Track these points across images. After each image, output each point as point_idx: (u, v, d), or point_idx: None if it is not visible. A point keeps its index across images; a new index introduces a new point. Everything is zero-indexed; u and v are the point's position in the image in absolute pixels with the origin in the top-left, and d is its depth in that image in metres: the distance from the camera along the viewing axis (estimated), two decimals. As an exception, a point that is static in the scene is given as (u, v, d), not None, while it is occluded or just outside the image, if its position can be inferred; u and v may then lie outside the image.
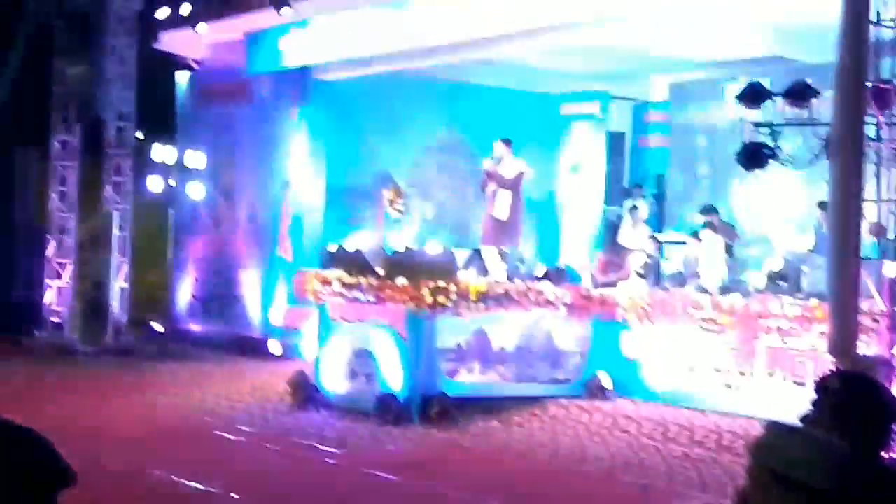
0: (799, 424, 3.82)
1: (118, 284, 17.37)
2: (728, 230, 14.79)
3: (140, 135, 18.90)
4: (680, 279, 13.69)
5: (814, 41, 11.67)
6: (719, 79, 16.05)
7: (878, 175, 8.74)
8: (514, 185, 13.46)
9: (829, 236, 8.83)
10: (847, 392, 3.61)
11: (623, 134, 18.64)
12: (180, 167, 18.86)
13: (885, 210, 8.79)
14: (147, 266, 18.79)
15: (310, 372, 12.67)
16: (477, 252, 14.12)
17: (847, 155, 8.62)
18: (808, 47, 13.39)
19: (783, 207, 14.96)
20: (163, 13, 16.32)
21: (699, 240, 14.11)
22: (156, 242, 19.44)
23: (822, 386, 3.74)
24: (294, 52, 16.16)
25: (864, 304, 9.02)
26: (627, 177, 18.51)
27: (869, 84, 8.64)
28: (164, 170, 18.91)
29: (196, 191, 18.58)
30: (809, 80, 10.01)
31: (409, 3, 14.26)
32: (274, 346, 16.23)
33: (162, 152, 18.99)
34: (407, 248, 15.05)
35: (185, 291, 19.04)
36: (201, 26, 16.01)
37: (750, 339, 11.57)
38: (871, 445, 3.70)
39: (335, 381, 12.36)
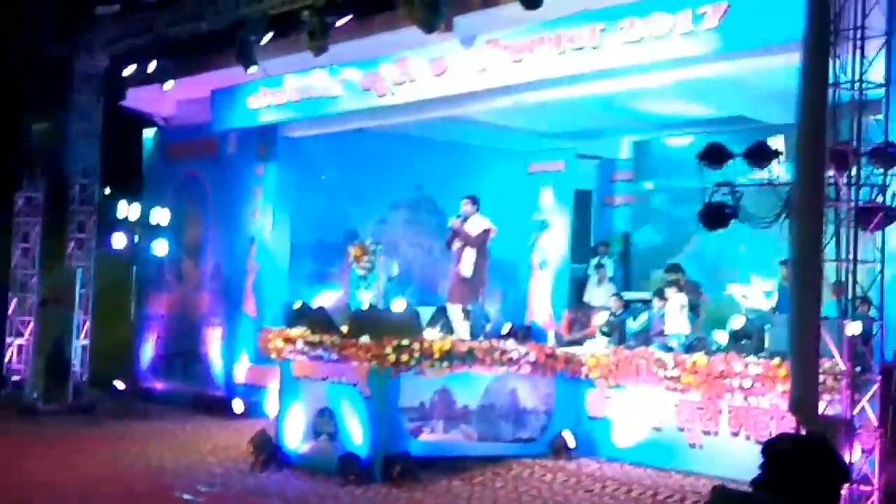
0: (747, 489, 3.79)
1: (80, 342, 17.19)
2: (693, 289, 14.85)
3: (107, 191, 18.84)
4: (644, 337, 13.69)
5: (777, 102, 11.82)
6: (684, 138, 16.21)
7: (837, 235, 8.78)
8: (478, 243, 13.46)
9: (790, 295, 8.85)
10: (798, 455, 3.60)
11: (589, 192, 18.74)
12: (145, 224, 18.77)
13: (845, 269, 8.81)
14: (110, 323, 18.61)
15: (272, 431, 12.53)
16: (442, 310, 14.09)
17: (807, 215, 8.67)
18: (772, 108, 13.56)
19: (748, 266, 15.05)
20: (129, 70, 16.30)
21: (664, 298, 14.14)
22: (119, 300, 19.29)
23: (771, 449, 3.73)
24: (261, 109, 16.18)
25: (826, 364, 9.03)
26: (594, 235, 18.59)
27: (828, 145, 8.70)
28: (128, 226, 18.82)
29: (160, 247, 18.49)
30: (771, 141, 10.07)
31: (376, 62, 14.31)
32: (237, 405, 16.07)
33: (126, 209, 18.91)
34: (371, 305, 15.03)
35: (148, 349, 18.88)
36: (168, 83, 16.00)
37: (714, 398, 11.54)
38: (822, 506, 3.67)
39: (297, 441, 12.23)
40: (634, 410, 12.32)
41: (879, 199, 8.93)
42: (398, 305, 13.93)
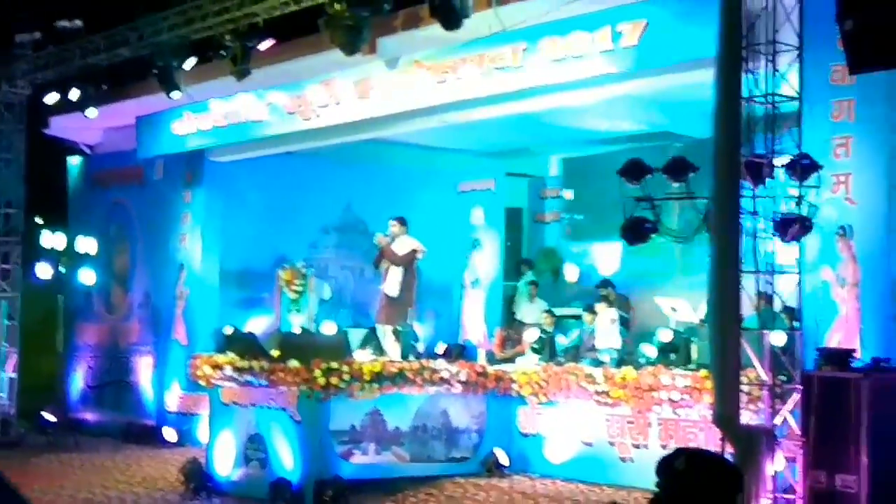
0: None
1: (7, 375, 16.90)
2: (623, 303, 14.96)
3: (37, 220, 18.60)
4: (575, 353, 13.75)
5: (700, 117, 11.96)
6: (610, 154, 16.32)
7: (754, 246, 8.89)
8: (405, 263, 13.47)
9: (710, 307, 8.94)
10: (693, 470, 3.63)
11: (520, 209, 18.84)
12: (71, 253, 18.52)
13: (763, 281, 8.93)
14: (37, 355, 18.32)
15: (203, 459, 12.41)
16: (373, 331, 14.07)
17: (724, 227, 8.79)
18: (695, 123, 13.72)
19: (674, 280, 15.19)
20: (52, 98, 16.11)
21: (594, 313, 14.23)
22: (46, 330, 19.02)
23: (666, 466, 3.76)
24: (186, 134, 16.06)
25: (750, 374, 9.14)
26: (525, 252, 18.66)
27: (743, 158, 8.83)
28: (53, 256, 18.57)
29: (87, 277, 18.25)
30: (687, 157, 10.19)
31: (301, 85, 14.28)
32: (169, 434, 15.89)
33: (52, 238, 18.66)
34: (301, 329, 14.95)
35: (77, 380, 18.62)
36: (91, 111, 15.82)
37: (643, 412, 11.62)
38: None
39: (228, 468, 12.13)
40: (566, 426, 12.37)
41: (796, 210, 9.05)
42: (328, 328, 13.87)
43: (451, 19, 11.30)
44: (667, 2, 10.80)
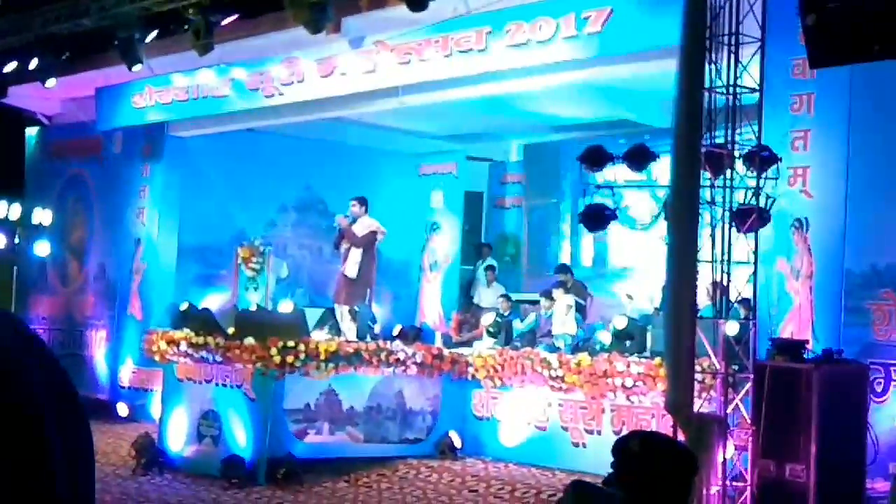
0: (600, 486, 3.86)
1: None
2: (580, 289, 15.02)
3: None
4: (531, 338, 13.80)
5: (662, 106, 12.04)
6: (570, 141, 16.38)
7: (713, 236, 8.96)
8: (364, 244, 13.45)
9: (666, 295, 9.01)
10: (648, 452, 3.67)
11: (480, 194, 18.87)
12: (27, 224, 18.32)
13: (720, 270, 9.00)
14: (-11, 326, 18.11)
15: (155, 434, 12.36)
16: (331, 311, 14.04)
17: (683, 217, 8.84)
18: (657, 112, 13.80)
19: (632, 266, 15.29)
20: (10, 67, 15.90)
21: (552, 299, 14.28)
22: (-1, 301, 18.82)
23: (621, 448, 3.80)
24: (147, 108, 15.91)
25: (703, 363, 9.22)
26: (484, 236, 18.70)
27: (703, 148, 8.88)
28: (9, 227, 18.36)
29: (42, 248, 18.08)
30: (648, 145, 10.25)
31: (264, 62, 14.19)
32: (122, 409, 15.77)
33: (7, 209, 18.44)
34: (258, 307, 14.89)
35: (30, 352, 18.44)
36: (50, 81, 15.63)
37: (597, 398, 11.69)
38: (674, 501, 3.75)
39: (181, 444, 12.09)
40: (520, 410, 12.42)
41: (753, 201, 9.13)
42: (285, 307, 13.82)
43: (417, 1, 11.28)
44: (632, -10, 10.83)
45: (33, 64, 15.48)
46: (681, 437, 8.67)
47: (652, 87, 12.61)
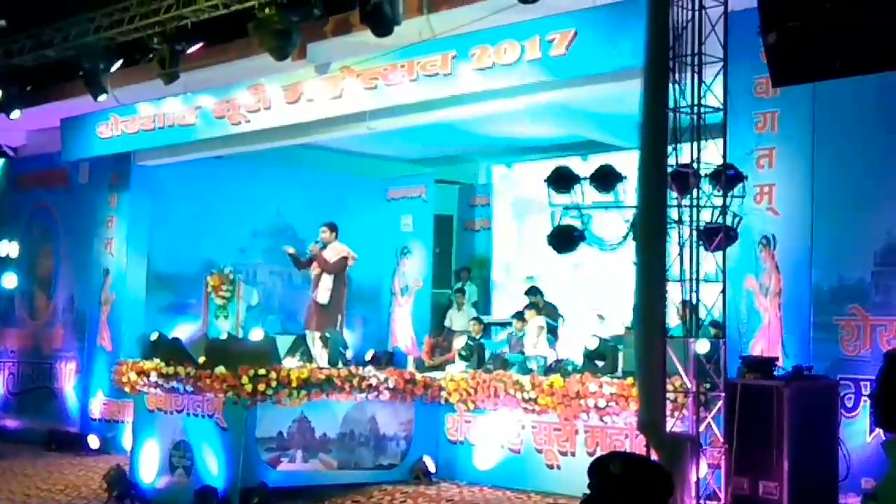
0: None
1: (-75, 381, 16.56)
2: (551, 311, 15.04)
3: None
4: (503, 361, 13.78)
5: (629, 127, 12.10)
6: (538, 163, 16.43)
7: (681, 256, 9.00)
8: (336, 270, 13.41)
9: (636, 315, 9.02)
10: (628, 473, 3.66)
11: (451, 217, 18.89)
12: (-8, 257, 18.21)
13: (689, 289, 9.03)
14: (-43, 360, 17.98)
15: (127, 466, 12.25)
16: (302, 338, 13.98)
17: (651, 236, 8.86)
18: (623, 133, 13.88)
19: (602, 287, 15.31)
20: (-27, 99, 15.78)
21: (523, 321, 14.29)
22: (-34, 336, 18.64)
23: (599, 469, 3.79)
24: (113, 137, 15.83)
25: (676, 382, 9.24)
26: (455, 259, 18.71)
27: (670, 168, 8.92)
28: (-26, 260, 18.26)
29: (9, 281, 17.95)
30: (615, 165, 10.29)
31: (231, 89, 14.17)
32: (93, 441, 15.66)
33: (-28, 242, 18.33)
34: (229, 335, 14.83)
35: (-2, 386, 18.31)
36: (15, 113, 15.53)
37: (570, 419, 11.68)
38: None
39: (153, 475, 11.98)
40: (493, 434, 12.40)
41: (720, 220, 9.18)
42: (256, 335, 13.75)
43: (382, 26, 11.30)
44: (595, 13, 10.89)
45: (-3, 96, 15.38)
46: (654, 456, 8.68)
47: (617, 107, 12.68)
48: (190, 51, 13.02)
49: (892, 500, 3.70)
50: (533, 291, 15.15)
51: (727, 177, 9.15)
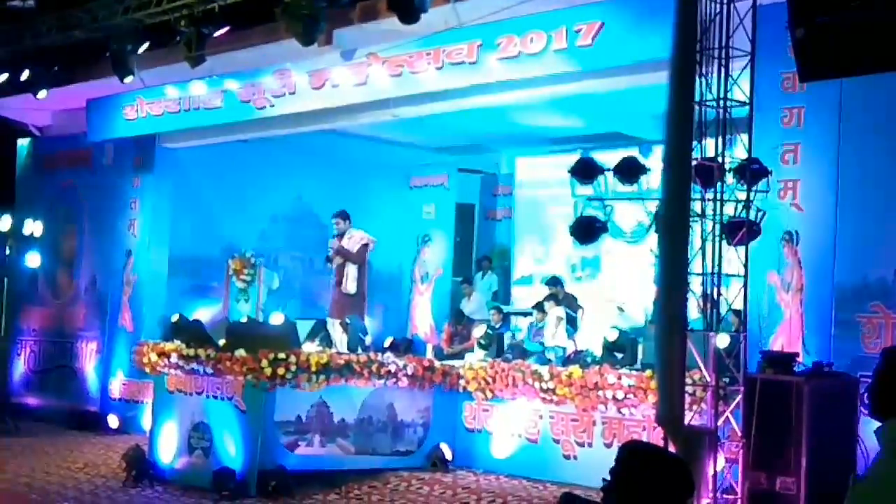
0: (593, 497, 3.86)
1: (-52, 357, 16.69)
2: (571, 301, 15.04)
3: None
4: (522, 350, 13.81)
5: (653, 119, 12.07)
6: (562, 154, 16.41)
7: (703, 249, 8.98)
8: (358, 258, 13.46)
9: (657, 308, 9.01)
10: (645, 465, 3.67)
11: (472, 206, 18.92)
12: (17, 235, 18.28)
13: (711, 283, 9.01)
14: (-20, 338, 18.11)
15: (146, 446, 12.33)
16: (321, 322, 14.03)
17: (674, 229, 8.85)
18: (648, 125, 13.84)
19: (624, 278, 15.30)
20: (1, 78, 15.86)
21: (543, 311, 14.30)
22: (-11, 313, 18.76)
23: (623, 456, 3.78)
24: (138, 119, 15.91)
25: (695, 375, 9.24)
26: (476, 248, 18.74)
27: (694, 161, 8.90)
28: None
29: (33, 260, 18.06)
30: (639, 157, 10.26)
31: (256, 74, 14.20)
32: (112, 421, 15.76)
33: (-2, 220, 18.43)
34: (249, 318, 14.88)
35: (20, 364, 18.41)
36: (42, 92, 15.61)
37: (588, 410, 11.69)
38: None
39: (171, 456, 12.05)
40: (511, 423, 12.42)
41: (744, 214, 9.15)
42: (276, 319, 13.79)
43: (409, 13, 11.31)
44: (623, 4, 10.87)
45: (25, 75, 15.45)
46: (672, 449, 8.68)
47: (642, 99, 12.64)
48: (216, 34, 13.03)
49: (879, 485, 3.68)
50: (553, 281, 15.16)
51: (751, 171, 9.12)
